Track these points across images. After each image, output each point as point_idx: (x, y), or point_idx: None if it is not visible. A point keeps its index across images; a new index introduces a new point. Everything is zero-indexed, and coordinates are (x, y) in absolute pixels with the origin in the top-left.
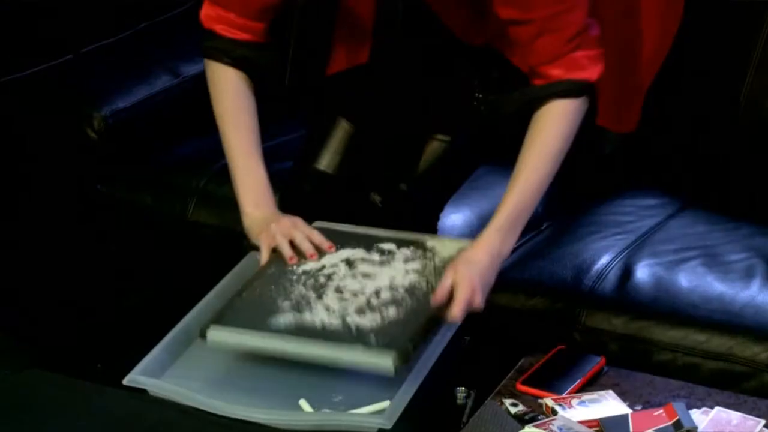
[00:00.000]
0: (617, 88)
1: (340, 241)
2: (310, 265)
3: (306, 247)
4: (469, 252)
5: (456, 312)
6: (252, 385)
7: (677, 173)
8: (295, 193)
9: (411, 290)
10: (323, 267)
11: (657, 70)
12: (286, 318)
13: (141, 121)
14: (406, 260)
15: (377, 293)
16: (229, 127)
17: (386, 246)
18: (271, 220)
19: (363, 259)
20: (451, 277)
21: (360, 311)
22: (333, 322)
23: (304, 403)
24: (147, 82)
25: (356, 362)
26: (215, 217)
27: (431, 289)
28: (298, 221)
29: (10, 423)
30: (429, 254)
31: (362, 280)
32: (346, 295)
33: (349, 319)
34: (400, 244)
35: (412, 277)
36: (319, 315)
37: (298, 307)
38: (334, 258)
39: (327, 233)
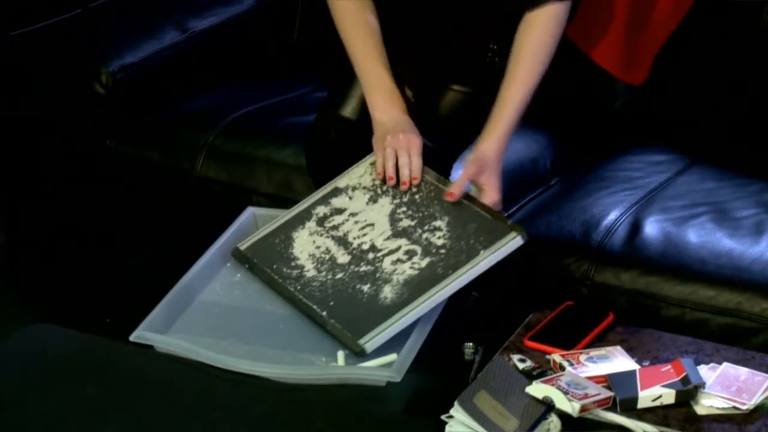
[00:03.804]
0: (628, 37)
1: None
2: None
3: (403, 174)
4: (485, 154)
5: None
6: (256, 339)
7: (686, 129)
8: (321, 140)
9: (414, 210)
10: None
11: (673, 28)
12: (391, 292)
13: (149, 77)
14: (370, 201)
15: (384, 234)
16: (351, 40)
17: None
18: (391, 131)
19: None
20: (469, 177)
21: (416, 242)
22: (417, 262)
23: (340, 356)
24: (155, 37)
25: (495, 260)
26: (223, 173)
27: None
28: (414, 144)
29: (19, 377)
30: (358, 190)
31: (366, 229)
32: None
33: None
34: (326, 200)
35: (393, 206)
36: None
37: (385, 281)
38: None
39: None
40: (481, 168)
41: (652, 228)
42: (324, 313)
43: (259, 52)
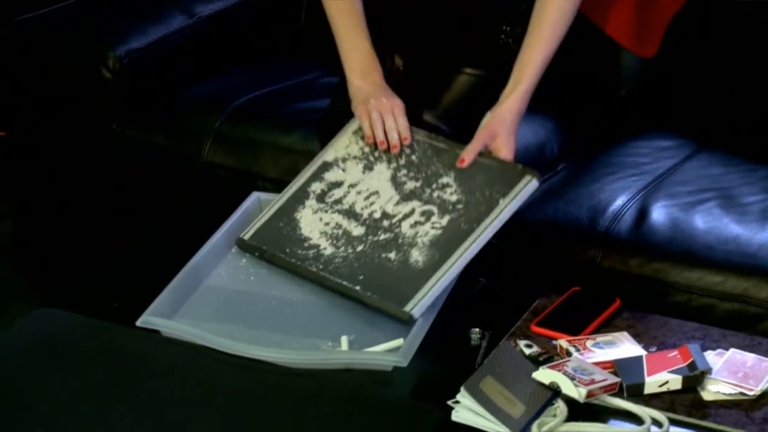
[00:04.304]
0: (639, 8)
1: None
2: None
3: (392, 137)
4: (503, 115)
5: None
6: (262, 324)
7: (694, 115)
8: (334, 126)
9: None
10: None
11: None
12: (420, 255)
13: (155, 61)
14: (365, 170)
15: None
16: (333, 10)
17: (322, 183)
18: (373, 95)
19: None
20: (482, 142)
21: (429, 202)
22: (437, 222)
23: (343, 341)
24: (162, 22)
25: (516, 206)
26: (230, 158)
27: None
28: (397, 105)
29: (26, 362)
30: (350, 160)
31: (372, 198)
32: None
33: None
34: (318, 176)
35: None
36: (430, 229)
37: (410, 245)
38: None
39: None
40: (494, 133)
41: (659, 214)
42: (357, 288)
43: (266, 37)
